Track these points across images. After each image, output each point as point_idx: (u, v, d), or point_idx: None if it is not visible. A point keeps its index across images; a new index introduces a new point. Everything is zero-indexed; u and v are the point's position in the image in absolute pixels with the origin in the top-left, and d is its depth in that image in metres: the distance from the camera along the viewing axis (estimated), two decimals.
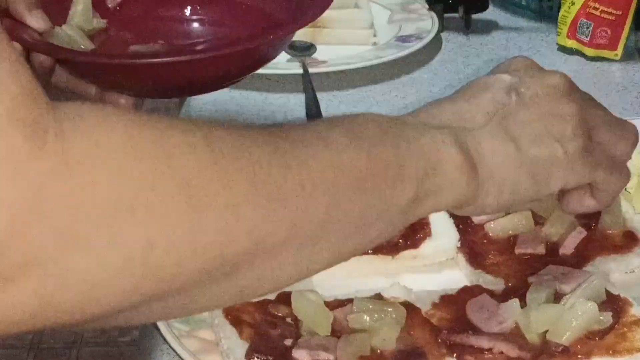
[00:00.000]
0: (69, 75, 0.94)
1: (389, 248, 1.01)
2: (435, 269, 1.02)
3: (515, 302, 0.91)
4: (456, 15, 1.58)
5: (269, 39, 0.91)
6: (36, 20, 0.93)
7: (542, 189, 0.76)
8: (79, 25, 0.97)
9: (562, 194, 0.81)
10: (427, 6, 1.59)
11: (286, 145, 0.62)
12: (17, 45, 0.90)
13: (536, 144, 0.75)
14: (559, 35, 1.52)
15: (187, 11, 1.04)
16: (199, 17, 1.03)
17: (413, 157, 0.69)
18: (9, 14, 0.92)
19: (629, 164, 0.90)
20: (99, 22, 0.99)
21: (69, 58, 0.92)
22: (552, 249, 1.01)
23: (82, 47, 0.94)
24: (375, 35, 1.54)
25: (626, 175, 0.81)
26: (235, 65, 0.92)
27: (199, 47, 1.02)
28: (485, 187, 0.73)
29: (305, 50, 1.46)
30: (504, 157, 0.74)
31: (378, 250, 1.01)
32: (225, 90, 1.40)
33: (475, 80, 0.79)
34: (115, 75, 0.92)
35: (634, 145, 0.82)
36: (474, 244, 1.02)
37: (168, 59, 0.90)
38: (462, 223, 1.04)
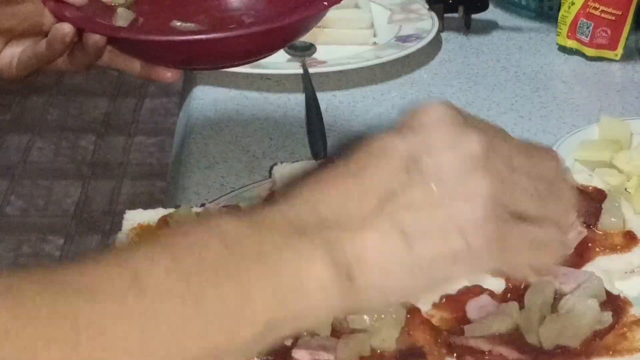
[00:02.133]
0: (112, 54, 0.96)
1: None
2: None
3: (514, 304, 0.91)
4: (456, 15, 1.58)
5: (304, 15, 0.95)
6: None
7: (439, 286, 0.66)
8: (110, 0, 0.99)
9: None
10: (427, 6, 1.59)
11: (77, 300, 0.53)
12: (68, 26, 0.91)
13: (432, 239, 0.63)
14: (559, 35, 1.52)
15: None
16: None
17: (263, 287, 0.59)
18: None
19: (629, 164, 0.91)
20: None
21: (120, 36, 0.96)
22: None
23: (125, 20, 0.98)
24: (375, 35, 1.54)
25: (552, 256, 0.70)
26: (275, 39, 0.97)
27: (247, 21, 1.04)
28: (367, 295, 0.62)
29: (305, 50, 1.46)
30: (390, 260, 0.62)
31: None
32: (226, 90, 1.40)
33: (369, 144, 0.65)
34: (161, 50, 0.95)
35: (570, 208, 0.70)
36: None
37: (217, 35, 0.94)
38: None
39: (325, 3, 0.95)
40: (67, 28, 0.92)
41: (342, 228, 0.62)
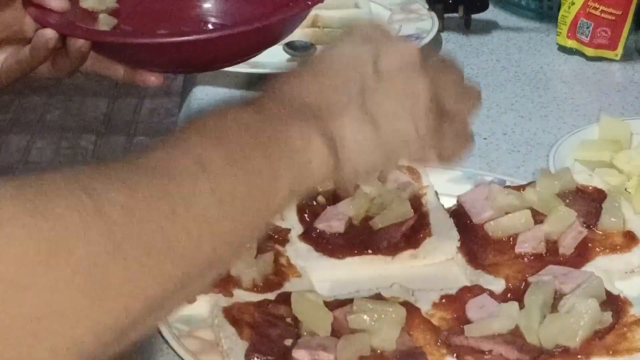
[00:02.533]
0: (94, 60, 0.96)
1: (389, 248, 1.01)
2: (435, 269, 1.02)
3: (514, 304, 0.91)
4: (456, 15, 1.58)
5: (286, 15, 0.96)
6: (55, 2, 0.94)
7: (391, 164, 0.81)
8: (92, 6, 0.99)
9: None
10: (427, 6, 1.59)
11: (167, 182, 0.63)
12: (51, 32, 0.91)
13: (392, 122, 0.77)
14: (559, 35, 1.52)
15: None
16: None
17: (285, 164, 0.71)
18: (29, 1, 0.94)
19: (629, 164, 0.91)
20: (110, 2, 1.01)
21: (106, 40, 0.95)
22: (552, 249, 1.00)
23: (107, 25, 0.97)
24: None
25: (470, 142, 0.85)
26: (258, 40, 0.98)
27: (229, 23, 1.05)
28: (343, 169, 0.75)
29: (305, 50, 1.46)
30: (363, 140, 0.76)
31: (378, 250, 1.01)
32: (226, 90, 1.40)
33: (335, 52, 0.80)
34: (146, 53, 0.95)
35: (478, 101, 0.86)
36: (474, 244, 1.02)
37: (200, 36, 0.95)
38: (462, 223, 1.04)
39: (309, 2, 0.95)
40: (50, 33, 0.92)
41: (327, 114, 0.75)
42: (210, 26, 1.06)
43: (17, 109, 3.59)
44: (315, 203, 1.05)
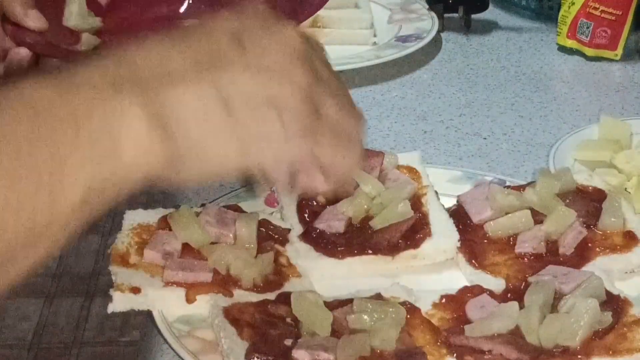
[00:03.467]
0: None
1: (389, 248, 1.01)
2: (435, 269, 1.02)
3: (514, 304, 0.91)
4: (456, 15, 1.58)
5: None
6: (33, 21, 0.93)
7: (251, 161, 0.66)
8: (75, 25, 0.98)
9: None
10: (427, 6, 1.59)
11: None
12: (25, 51, 0.91)
13: (250, 109, 0.64)
14: (559, 35, 1.52)
15: (183, 8, 1.05)
16: (194, 14, 1.05)
17: (77, 151, 0.57)
18: (7, 19, 0.93)
19: (629, 164, 0.91)
20: (94, 21, 1.00)
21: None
22: (552, 248, 1.00)
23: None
24: (375, 35, 1.54)
25: (356, 153, 0.72)
26: None
27: None
28: (185, 159, 0.62)
29: None
30: (209, 123, 0.63)
31: (378, 250, 1.01)
32: None
33: (197, 23, 0.68)
34: None
35: (361, 125, 0.73)
36: (474, 244, 1.02)
37: None
38: (462, 223, 1.04)
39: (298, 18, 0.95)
40: (23, 52, 0.91)
41: (159, 83, 0.61)
42: None
43: None
44: (315, 203, 1.05)
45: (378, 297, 0.93)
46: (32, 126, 0.56)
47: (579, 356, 0.87)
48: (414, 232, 1.02)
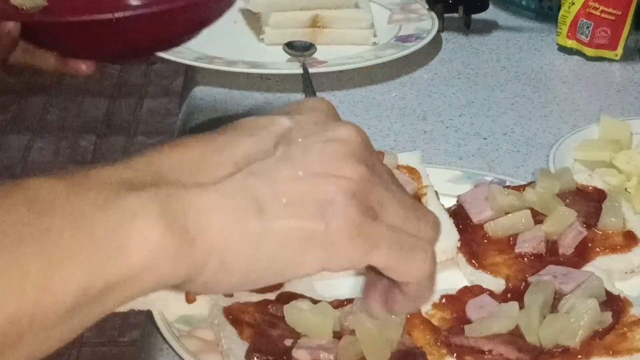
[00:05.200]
0: (25, 52, 0.97)
1: None
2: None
3: (514, 304, 0.91)
4: (456, 15, 1.58)
5: None
6: None
7: (290, 271, 0.57)
8: (21, 3, 1.00)
9: (364, 291, 0.64)
10: (427, 6, 1.59)
11: None
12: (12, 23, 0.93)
13: (289, 211, 0.56)
14: (559, 35, 1.52)
15: None
16: None
17: (73, 251, 0.52)
18: None
19: (629, 164, 0.91)
20: (40, 0, 1.02)
21: (37, 19, 0.98)
22: (552, 249, 1.00)
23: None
24: (375, 35, 1.54)
25: (429, 258, 0.62)
26: (179, 22, 1.00)
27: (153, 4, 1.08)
28: (207, 265, 0.55)
29: (305, 50, 1.46)
30: (235, 226, 0.55)
31: None
32: (226, 90, 1.40)
33: (249, 118, 0.61)
34: (72, 35, 0.96)
35: (436, 227, 0.65)
36: (474, 244, 1.02)
37: (133, 12, 0.99)
38: (462, 223, 1.04)
39: None
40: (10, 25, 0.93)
41: (182, 186, 0.55)
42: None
43: (17, 109, 3.59)
44: None
45: None
46: (23, 223, 0.51)
47: (579, 356, 0.87)
48: None
